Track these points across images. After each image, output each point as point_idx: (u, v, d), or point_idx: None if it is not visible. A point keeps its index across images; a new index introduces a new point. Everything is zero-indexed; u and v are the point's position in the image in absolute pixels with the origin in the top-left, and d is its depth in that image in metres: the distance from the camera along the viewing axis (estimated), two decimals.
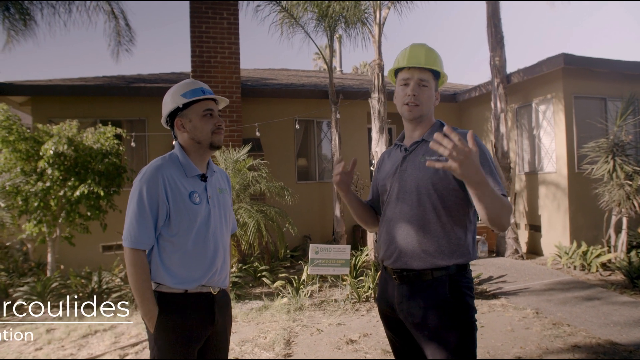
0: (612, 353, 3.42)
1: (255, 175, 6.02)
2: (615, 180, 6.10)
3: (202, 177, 1.81)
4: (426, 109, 1.73)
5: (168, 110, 1.82)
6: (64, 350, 3.84)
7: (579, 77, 7.08)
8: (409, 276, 1.66)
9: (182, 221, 1.70)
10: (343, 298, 5.07)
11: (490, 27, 7.45)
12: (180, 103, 1.78)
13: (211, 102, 1.83)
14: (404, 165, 1.74)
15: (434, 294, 1.60)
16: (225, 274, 1.88)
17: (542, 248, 7.37)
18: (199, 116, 1.79)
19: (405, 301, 1.66)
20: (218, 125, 1.81)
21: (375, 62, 7.09)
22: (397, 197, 1.72)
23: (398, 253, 1.68)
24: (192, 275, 1.71)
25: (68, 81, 8.06)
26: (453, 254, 1.61)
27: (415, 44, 1.78)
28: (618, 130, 6.31)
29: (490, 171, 1.57)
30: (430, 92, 1.73)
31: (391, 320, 1.78)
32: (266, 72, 12.15)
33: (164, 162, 1.76)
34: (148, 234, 1.67)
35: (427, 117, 1.76)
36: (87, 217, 5.88)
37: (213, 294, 1.78)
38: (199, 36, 7.39)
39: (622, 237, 6.14)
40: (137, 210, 1.66)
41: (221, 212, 1.86)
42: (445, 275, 1.61)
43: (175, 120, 1.82)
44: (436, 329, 1.58)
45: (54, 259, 5.97)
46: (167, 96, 1.85)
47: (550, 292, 5.21)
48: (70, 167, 5.66)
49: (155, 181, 1.68)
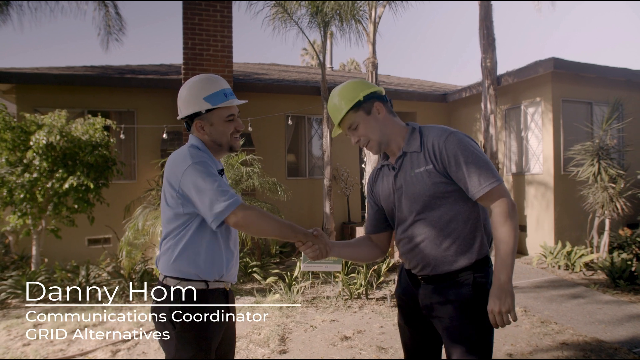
0: (598, 350, 3.53)
1: (249, 171, 5.99)
2: (599, 182, 6.27)
3: (220, 172, 1.78)
4: (377, 136, 1.74)
5: (189, 112, 1.75)
6: (53, 346, 3.77)
7: (567, 82, 7.23)
8: (434, 278, 1.71)
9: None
10: (335, 295, 5.10)
11: (483, 29, 7.53)
12: (203, 108, 1.72)
13: (234, 106, 1.79)
14: (398, 184, 1.75)
15: (458, 293, 1.65)
16: (237, 269, 1.88)
17: (527, 248, 7.54)
18: (221, 121, 1.75)
19: (429, 298, 1.71)
20: (238, 130, 1.80)
21: (370, 60, 7.11)
22: (404, 213, 1.74)
23: (423, 264, 1.72)
24: (216, 268, 1.69)
25: (55, 70, 7.85)
26: (472, 252, 1.65)
27: (328, 102, 1.81)
28: (603, 135, 6.48)
29: (476, 164, 1.58)
30: (365, 124, 1.73)
31: (408, 312, 1.84)
32: (257, 67, 12.06)
33: (195, 150, 1.71)
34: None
35: (388, 135, 1.75)
36: (74, 209, 5.76)
37: (227, 289, 1.78)
38: (191, 28, 7.28)
39: (605, 238, 6.32)
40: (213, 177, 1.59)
41: None
42: (470, 274, 1.65)
43: (194, 122, 1.76)
44: (458, 325, 1.64)
45: (39, 252, 5.84)
46: (185, 92, 1.76)
47: (537, 290, 5.34)
48: (58, 158, 5.53)
49: (206, 160, 1.65)
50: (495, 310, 1.52)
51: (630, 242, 6.36)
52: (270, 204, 6.24)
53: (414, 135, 1.73)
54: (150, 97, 7.75)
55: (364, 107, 1.73)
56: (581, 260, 6.16)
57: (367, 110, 1.74)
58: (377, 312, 4.60)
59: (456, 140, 1.62)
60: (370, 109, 1.74)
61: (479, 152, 1.62)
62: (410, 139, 1.73)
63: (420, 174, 1.68)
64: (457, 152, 1.60)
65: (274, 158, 8.41)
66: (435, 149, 1.65)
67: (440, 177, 1.64)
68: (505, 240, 1.55)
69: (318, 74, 11.35)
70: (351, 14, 7.33)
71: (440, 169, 1.64)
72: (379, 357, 3.46)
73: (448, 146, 1.62)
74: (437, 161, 1.64)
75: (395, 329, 4.04)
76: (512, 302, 1.52)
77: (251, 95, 8.32)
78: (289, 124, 8.33)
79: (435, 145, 1.65)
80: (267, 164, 7.73)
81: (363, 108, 1.73)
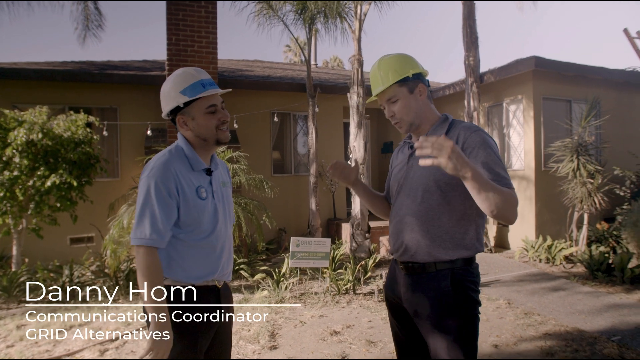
0: (579, 340, 3.66)
1: (235, 168, 5.97)
2: (578, 178, 6.46)
3: (207, 171, 1.75)
4: (411, 117, 1.75)
5: (168, 108, 1.71)
6: (38, 347, 3.70)
7: (547, 80, 7.41)
8: (414, 268, 1.72)
9: (190, 217, 1.64)
10: (323, 290, 5.13)
11: (466, 28, 7.65)
12: (180, 102, 1.66)
13: (214, 96, 1.72)
14: (410, 163, 1.79)
15: (436, 286, 1.66)
16: (230, 269, 1.84)
17: (509, 242, 7.71)
18: (202, 113, 1.68)
19: (410, 291, 1.72)
20: (223, 121, 1.72)
21: (355, 57, 7.15)
22: (404, 193, 1.78)
23: (404, 247, 1.74)
24: (199, 272, 1.67)
25: (34, 65, 7.64)
26: (457, 248, 1.65)
27: (372, 67, 1.81)
28: (582, 131, 6.67)
29: (491, 164, 1.57)
30: (404, 101, 1.73)
31: (397, 309, 1.84)
32: (241, 63, 11.97)
33: (170, 155, 1.67)
34: (168, 227, 1.59)
35: (421, 118, 1.77)
36: (57, 208, 5.64)
37: (218, 287, 1.76)
38: (175, 24, 7.19)
39: (583, 232, 6.53)
40: (157, 203, 1.57)
41: (225, 206, 1.81)
42: (449, 268, 1.65)
43: (177, 118, 1.71)
44: (437, 319, 1.63)
45: (20, 251, 5.70)
46: (165, 87, 1.72)
47: (520, 283, 5.48)
48: (39, 155, 5.41)
49: (167, 175, 1.60)
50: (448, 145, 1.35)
51: (607, 236, 6.57)
52: (257, 201, 6.23)
53: (443, 124, 1.75)
54: (133, 93, 7.62)
55: (409, 85, 1.73)
56: (561, 253, 6.34)
57: (411, 88, 1.73)
58: (365, 307, 4.65)
59: (481, 137, 1.63)
60: (414, 89, 1.74)
61: (498, 156, 1.61)
62: (437, 127, 1.75)
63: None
64: (478, 147, 1.60)
65: (260, 155, 8.38)
66: (459, 138, 1.65)
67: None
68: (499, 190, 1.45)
69: (302, 70, 11.34)
70: (337, 11, 7.35)
71: None
72: (369, 350, 3.51)
73: (472, 139, 1.62)
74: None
75: (383, 323, 4.10)
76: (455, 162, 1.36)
77: (237, 92, 8.22)
78: (275, 121, 8.32)
79: (461, 136, 1.65)
80: (253, 161, 7.69)
81: (408, 85, 1.73)
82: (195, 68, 1.75)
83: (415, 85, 1.74)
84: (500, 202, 1.43)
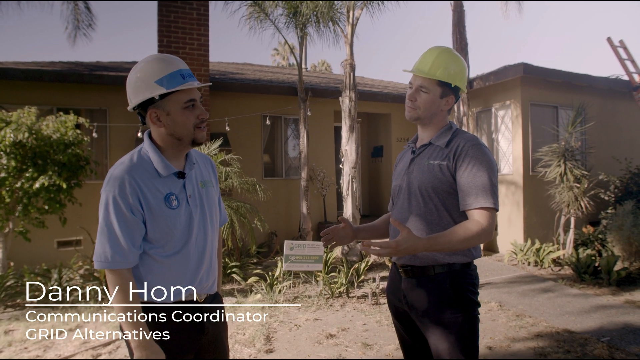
0: (570, 341, 3.73)
1: (228, 171, 5.94)
2: (565, 182, 6.60)
3: (179, 175, 1.55)
4: (424, 113, 1.78)
5: (139, 99, 1.48)
6: (28, 353, 3.61)
7: (535, 86, 7.57)
8: (413, 270, 1.76)
9: (159, 230, 1.47)
10: (316, 294, 5.13)
11: (456, 34, 7.78)
12: (155, 94, 1.45)
13: (193, 89, 1.51)
14: (411, 167, 1.83)
15: (436, 288, 1.69)
16: (213, 279, 1.66)
17: (498, 245, 7.82)
18: (179, 108, 1.48)
19: (410, 293, 1.75)
20: (202, 119, 1.52)
21: (347, 61, 7.19)
22: (404, 197, 1.82)
23: None
24: (174, 289, 1.51)
25: (22, 65, 7.49)
26: (455, 253, 1.69)
27: (433, 48, 1.82)
28: (569, 137, 6.83)
29: (484, 178, 1.63)
30: (431, 97, 1.75)
31: (400, 312, 1.86)
32: (231, 66, 11.93)
33: (131, 163, 1.48)
34: (133, 246, 1.43)
35: (432, 119, 1.80)
36: (45, 210, 5.53)
37: (199, 301, 1.58)
38: (167, 25, 7.14)
39: (570, 236, 6.66)
40: (117, 221, 1.41)
41: (204, 211, 1.60)
42: (447, 272, 1.69)
43: (148, 112, 1.49)
44: (438, 320, 1.67)
45: (5, 255, 5.57)
46: (136, 73, 1.50)
47: (510, 286, 5.56)
48: (27, 157, 5.30)
49: (125, 187, 1.42)
50: (391, 245, 1.46)
51: (593, 239, 6.72)
52: (249, 204, 6.20)
53: (447, 132, 1.79)
54: (123, 95, 7.17)
55: (445, 90, 1.77)
56: (549, 256, 6.46)
57: (444, 94, 1.78)
58: (359, 310, 4.67)
59: (481, 151, 1.67)
60: (446, 96, 1.78)
61: (493, 174, 1.66)
62: (441, 134, 1.79)
63: (432, 165, 1.73)
64: (475, 160, 1.65)
65: (250, 158, 8.35)
66: (459, 148, 1.70)
67: (449, 175, 1.69)
68: (461, 235, 1.54)
69: (292, 74, 11.36)
70: (329, 15, 7.39)
71: (452, 168, 1.69)
72: (365, 353, 3.52)
73: (471, 151, 1.67)
74: (453, 159, 1.69)
75: (378, 326, 4.12)
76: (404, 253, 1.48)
77: (227, 95, 8.25)
78: (266, 124, 8.31)
79: (460, 146, 1.70)
80: (244, 164, 7.65)
81: (444, 89, 1.77)
82: (171, 55, 1.55)
83: (448, 94, 1.79)
84: (465, 244, 1.57)
